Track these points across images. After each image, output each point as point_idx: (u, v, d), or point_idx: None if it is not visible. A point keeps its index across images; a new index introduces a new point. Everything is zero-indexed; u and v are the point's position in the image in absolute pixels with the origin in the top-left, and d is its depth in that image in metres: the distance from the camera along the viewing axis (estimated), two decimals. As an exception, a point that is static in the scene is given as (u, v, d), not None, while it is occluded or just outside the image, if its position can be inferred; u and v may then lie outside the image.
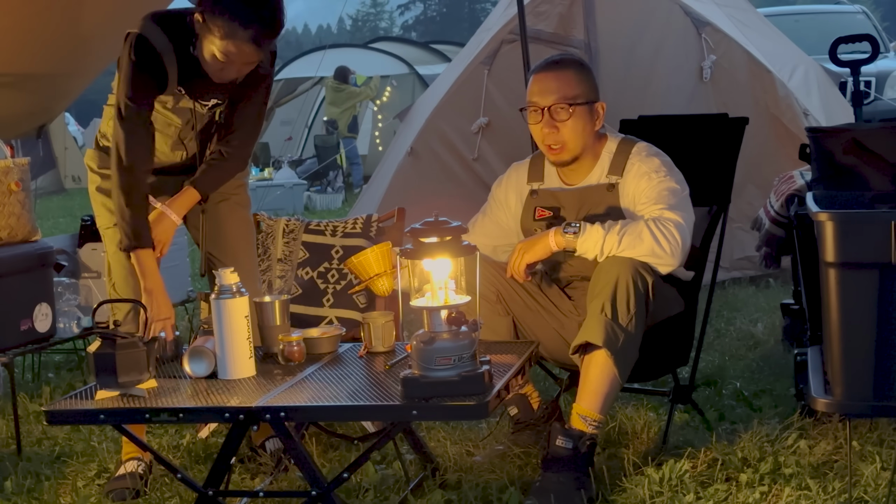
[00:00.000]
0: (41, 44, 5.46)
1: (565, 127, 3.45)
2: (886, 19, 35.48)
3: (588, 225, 3.32)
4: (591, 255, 3.33)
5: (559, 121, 3.45)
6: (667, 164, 3.49)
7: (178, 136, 3.57)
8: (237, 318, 3.09)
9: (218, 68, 3.36)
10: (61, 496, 3.52)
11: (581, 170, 3.55)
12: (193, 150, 3.61)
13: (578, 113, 3.45)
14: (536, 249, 3.38)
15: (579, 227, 3.32)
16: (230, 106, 3.58)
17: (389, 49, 17.03)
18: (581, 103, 3.46)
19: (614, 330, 3.20)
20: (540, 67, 3.56)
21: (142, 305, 3.33)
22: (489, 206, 3.74)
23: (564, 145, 3.47)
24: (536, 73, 3.54)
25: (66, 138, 17.07)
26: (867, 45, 5.04)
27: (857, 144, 3.40)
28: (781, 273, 6.09)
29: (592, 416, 3.23)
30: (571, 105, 3.44)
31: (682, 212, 3.37)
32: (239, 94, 3.56)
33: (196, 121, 3.55)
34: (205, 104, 3.53)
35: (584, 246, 3.32)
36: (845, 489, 3.10)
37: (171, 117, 3.52)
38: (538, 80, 3.52)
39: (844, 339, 2.92)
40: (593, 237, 3.30)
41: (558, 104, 3.44)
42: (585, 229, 3.31)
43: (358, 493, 3.35)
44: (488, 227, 3.71)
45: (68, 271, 4.85)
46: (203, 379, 3.12)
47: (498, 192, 3.73)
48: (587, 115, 3.48)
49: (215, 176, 3.59)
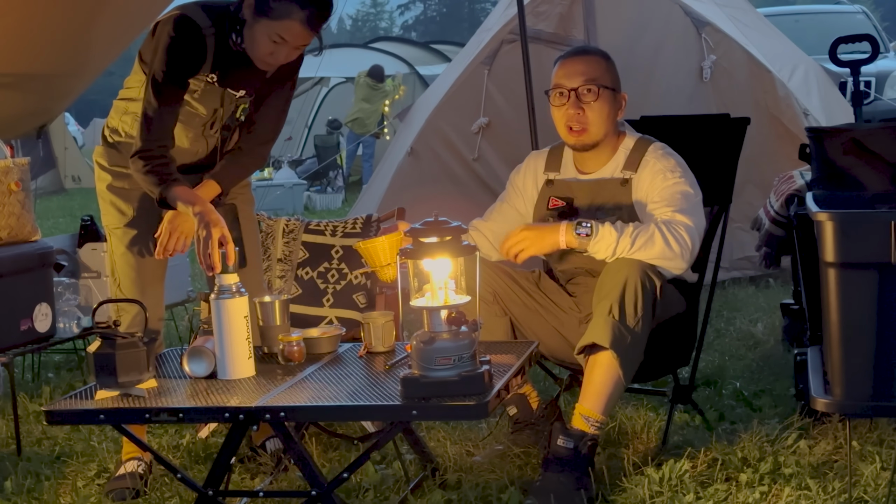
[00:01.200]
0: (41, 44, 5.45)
1: (591, 109, 3.48)
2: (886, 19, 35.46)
3: (600, 226, 3.31)
4: (601, 256, 3.33)
5: (585, 102, 3.48)
6: (682, 166, 3.50)
7: (202, 128, 3.55)
8: (236, 318, 3.09)
9: (267, 52, 3.36)
10: (61, 496, 3.52)
11: (597, 160, 3.57)
12: (214, 144, 3.59)
13: (604, 96, 3.49)
14: (544, 244, 3.37)
15: (591, 227, 3.32)
16: (255, 102, 3.58)
17: (389, 49, 17.03)
18: (607, 87, 3.50)
19: (622, 332, 3.20)
20: (567, 55, 3.61)
21: (142, 306, 3.33)
22: (507, 194, 3.75)
23: (587, 127, 3.48)
24: (563, 60, 3.58)
25: (66, 138, 17.06)
26: (867, 45, 5.03)
27: (857, 144, 3.40)
28: (781, 273, 6.09)
29: (595, 416, 3.23)
30: (599, 87, 3.47)
31: (694, 216, 3.38)
32: (266, 89, 3.57)
33: (224, 111, 3.54)
34: (233, 94, 3.52)
35: (596, 247, 3.32)
36: (845, 489, 3.10)
37: (196, 107, 3.51)
38: (565, 64, 3.55)
39: (844, 339, 2.92)
40: (606, 240, 3.30)
41: (585, 85, 3.48)
42: (598, 231, 3.31)
43: (358, 493, 3.35)
44: (508, 212, 3.71)
45: (68, 271, 4.85)
46: (203, 379, 3.12)
47: (516, 179, 3.74)
48: (612, 100, 3.51)
49: (235, 171, 3.59)
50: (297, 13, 3.29)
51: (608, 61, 3.59)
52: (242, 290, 3.13)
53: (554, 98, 3.53)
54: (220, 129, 3.58)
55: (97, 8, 5.51)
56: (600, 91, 3.48)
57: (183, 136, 3.54)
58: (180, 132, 3.52)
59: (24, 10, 5.15)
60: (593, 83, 3.48)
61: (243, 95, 3.54)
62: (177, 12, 3.39)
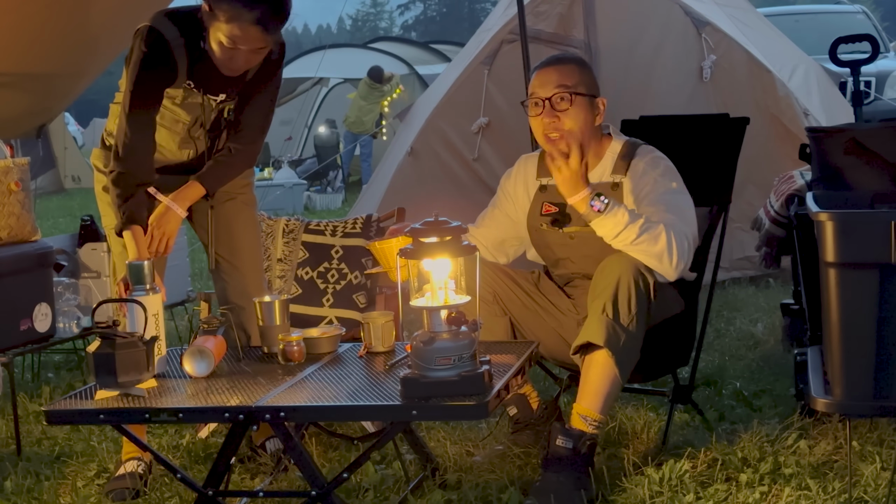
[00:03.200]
0: (41, 44, 5.46)
1: (566, 116, 3.45)
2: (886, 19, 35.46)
3: (616, 207, 3.29)
4: (602, 233, 3.32)
5: (560, 110, 3.45)
6: (671, 168, 3.50)
7: (188, 133, 3.56)
8: None
9: (227, 57, 3.36)
10: (61, 496, 3.52)
11: None
12: (202, 147, 3.60)
13: (579, 102, 3.46)
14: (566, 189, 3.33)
15: (607, 204, 3.29)
16: (239, 102, 3.58)
17: (389, 49, 17.02)
18: (582, 94, 3.47)
19: (616, 330, 3.20)
20: (542, 64, 3.59)
21: (142, 306, 3.33)
22: (498, 199, 3.75)
23: (564, 134, 3.47)
24: (538, 70, 3.56)
25: (65, 138, 17.07)
26: (867, 45, 5.04)
27: (857, 144, 3.40)
28: (781, 273, 6.09)
29: (593, 416, 3.23)
30: (572, 94, 3.45)
31: (693, 226, 3.40)
32: (248, 89, 3.56)
33: (205, 117, 3.55)
34: (213, 99, 3.52)
35: (602, 224, 3.30)
36: (845, 489, 3.10)
37: (179, 113, 3.52)
38: (540, 74, 3.54)
39: (844, 339, 2.92)
40: (614, 220, 3.28)
41: (558, 93, 3.46)
42: (611, 210, 3.28)
43: (358, 493, 3.35)
44: (499, 218, 3.71)
45: (68, 271, 4.85)
46: (203, 379, 3.12)
47: (507, 184, 3.73)
48: (588, 106, 3.48)
49: (222, 172, 3.59)
50: (246, 15, 3.26)
51: (582, 67, 3.57)
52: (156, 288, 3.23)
53: (530, 108, 3.51)
54: (206, 131, 3.58)
55: (97, 8, 5.52)
56: (574, 98, 3.45)
57: (170, 141, 3.56)
58: (167, 138, 3.54)
59: (24, 10, 5.15)
60: (566, 90, 3.46)
61: (224, 99, 3.54)
62: (146, 24, 3.39)
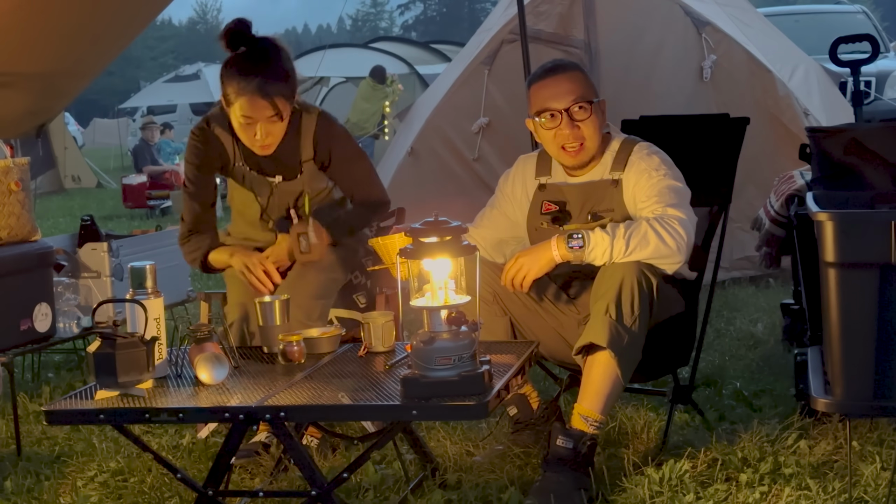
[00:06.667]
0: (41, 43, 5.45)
1: (586, 126, 3.47)
2: (886, 19, 35.50)
3: (591, 234, 3.30)
4: (599, 262, 3.32)
5: (579, 120, 3.46)
6: (667, 162, 3.51)
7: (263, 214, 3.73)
8: None
9: (250, 135, 3.50)
10: (61, 496, 3.52)
11: (585, 165, 3.56)
12: None
13: (595, 110, 3.49)
14: (542, 264, 3.34)
15: (583, 237, 3.30)
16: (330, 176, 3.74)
17: (389, 49, 17.06)
18: (596, 101, 3.50)
19: (619, 331, 3.20)
20: (543, 75, 3.55)
21: (142, 306, 3.32)
22: (497, 199, 3.75)
23: (584, 144, 3.47)
24: (541, 81, 3.53)
25: (65, 138, 17.07)
26: (867, 45, 5.04)
27: (857, 144, 3.40)
28: (781, 273, 6.09)
29: (594, 416, 3.23)
30: (590, 103, 3.47)
31: (686, 209, 3.39)
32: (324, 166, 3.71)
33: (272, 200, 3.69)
34: (271, 180, 3.66)
35: (592, 256, 3.31)
36: (845, 489, 3.10)
37: (247, 194, 3.70)
38: (548, 85, 3.51)
39: (844, 339, 2.92)
40: (600, 246, 3.29)
41: (576, 104, 3.46)
42: (590, 240, 3.29)
43: (358, 493, 3.35)
44: (497, 219, 3.71)
45: (68, 271, 4.85)
46: (202, 379, 3.12)
47: (505, 185, 3.74)
48: (600, 111, 3.52)
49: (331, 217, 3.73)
50: (246, 87, 3.42)
51: (584, 72, 3.60)
52: None
53: (544, 121, 3.49)
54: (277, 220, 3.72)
55: (97, 7, 5.51)
56: (592, 107, 3.47)
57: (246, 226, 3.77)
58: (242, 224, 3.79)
59: (24, 10, 5.14)
60: (583, 100, 3.47)
61: (281, 181, 3.67)
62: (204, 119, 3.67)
